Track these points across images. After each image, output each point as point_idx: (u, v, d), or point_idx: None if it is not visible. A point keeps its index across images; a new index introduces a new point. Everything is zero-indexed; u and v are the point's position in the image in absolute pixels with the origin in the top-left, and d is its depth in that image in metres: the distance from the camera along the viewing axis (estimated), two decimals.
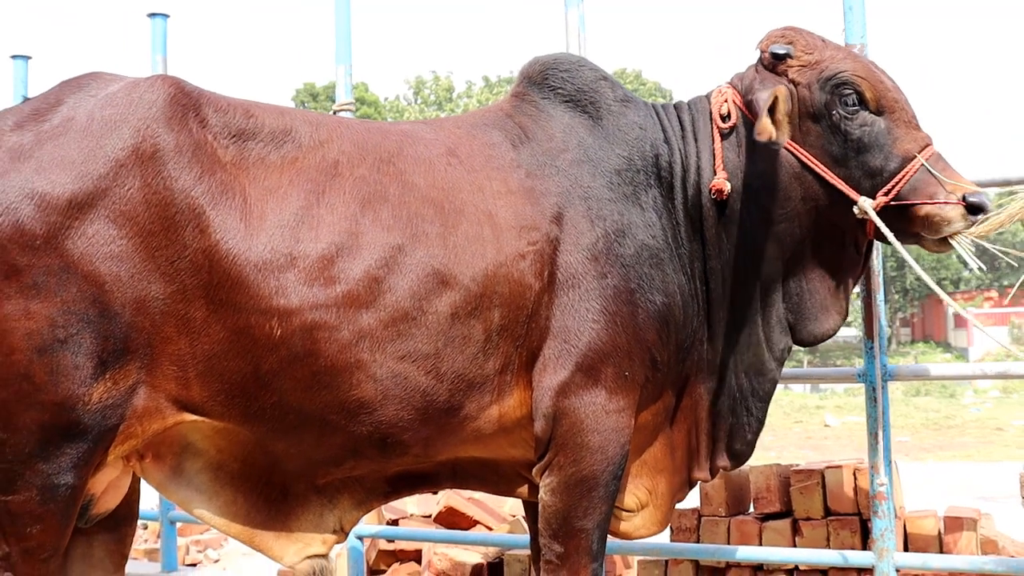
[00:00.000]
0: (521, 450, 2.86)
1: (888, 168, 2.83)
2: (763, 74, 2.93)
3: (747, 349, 2.99)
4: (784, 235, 2.90)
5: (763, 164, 2.89)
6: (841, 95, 2.84)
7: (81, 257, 2.40)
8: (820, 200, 2.87)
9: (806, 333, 2.98)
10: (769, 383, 3.04)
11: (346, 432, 2.63)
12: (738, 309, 2.96)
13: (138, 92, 2.56)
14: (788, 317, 2.97)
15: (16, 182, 2.41)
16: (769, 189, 2.88)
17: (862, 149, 2.85)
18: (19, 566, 2.48)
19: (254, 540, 2.80)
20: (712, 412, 3.02)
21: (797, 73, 2.88)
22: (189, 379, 2.52)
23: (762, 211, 2.89)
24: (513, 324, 2.69)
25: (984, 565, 3.66)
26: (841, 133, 2.85)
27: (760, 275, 2.94)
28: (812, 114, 2.87)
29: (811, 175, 2.86)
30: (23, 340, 2.37)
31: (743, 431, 3.05)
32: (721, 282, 2.94)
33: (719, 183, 2.86)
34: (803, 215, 2.89)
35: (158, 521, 5.41)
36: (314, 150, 2.68)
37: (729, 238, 2.91)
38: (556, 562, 2.81)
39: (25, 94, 5.26)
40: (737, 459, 3.08)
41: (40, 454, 2.42)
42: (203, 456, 2.73)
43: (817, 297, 2.96)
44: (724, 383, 3.00)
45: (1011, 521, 6.59)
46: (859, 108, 2.84)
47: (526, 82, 3.04)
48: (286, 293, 2.50)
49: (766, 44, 2.96)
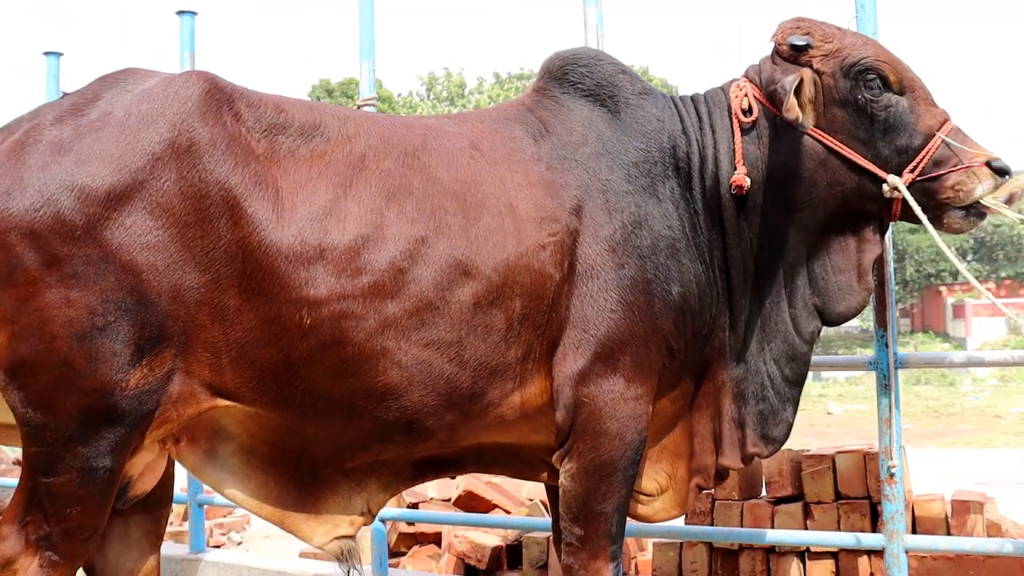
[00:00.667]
0: (542, 436, 2.86)
1: (913, 145, 2.84)
2: (783, 65, 2.90)
3: (775, 334, 2.96)
4: (808, 221, 2.89)
5: (786, 153, 2.87)
6: (865, 80, 2.83)
7: (119, 247, 2.41)
8: (846, 184, 2.86)
9: (834, 314, 2.95)
10: (801, 366, 3.01)
11: (373, 417, 2.64)
12: (764, 295, 2.95)
13: (174, 87, 2.56)
14: (815, 300, 2.95)
15: (56, 175, 2.42)
16: (793, 177, 2.87)
17: (888, 129, 2.85)
18: (60, 545, 2.50)
19: (284, 521, 2.81)
20: (736, 398, 2.99)
21: (820, 62, 2.87)
22: (222, 365, 2.53)
23: (786, 199, 2.88)
24: (534, 313, 2.69)
25: (992, 547, 3.65)
26: (867, 116, 2.84)
27: (784, 261, 2.92)
28: (838, 101, 2.86)
29: (838, 160, 2.85)
30: (64, 328, 2.38)
31: (776, 416, 3.00)
32: (742, 270, 2.92)
33: (739, 179, 2.84)
34: (828, 200, 2.88)
35: (185, 504, 5.43)
36: (342, 144, 2.69)
37: (751, 227, 2.90)
38: (576, 544, 2.81)
39: (57, 89, 5.27)
40: (773, 444, 3.03)
41: (80, 438, 2.44)
42: (235, 440, 2.74)
43: (843, 278, 2.93)
44: (750, 369, 2.98)
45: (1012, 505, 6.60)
46: (883, 90, 2.84)
47: (546, 77, 3.04)
48: (315, 283, 2.51)
49: (782, 36, 2.94)
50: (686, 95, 3.11)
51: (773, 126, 2.88)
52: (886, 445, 3.51)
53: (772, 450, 3.06)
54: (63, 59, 5.39)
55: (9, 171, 2.43)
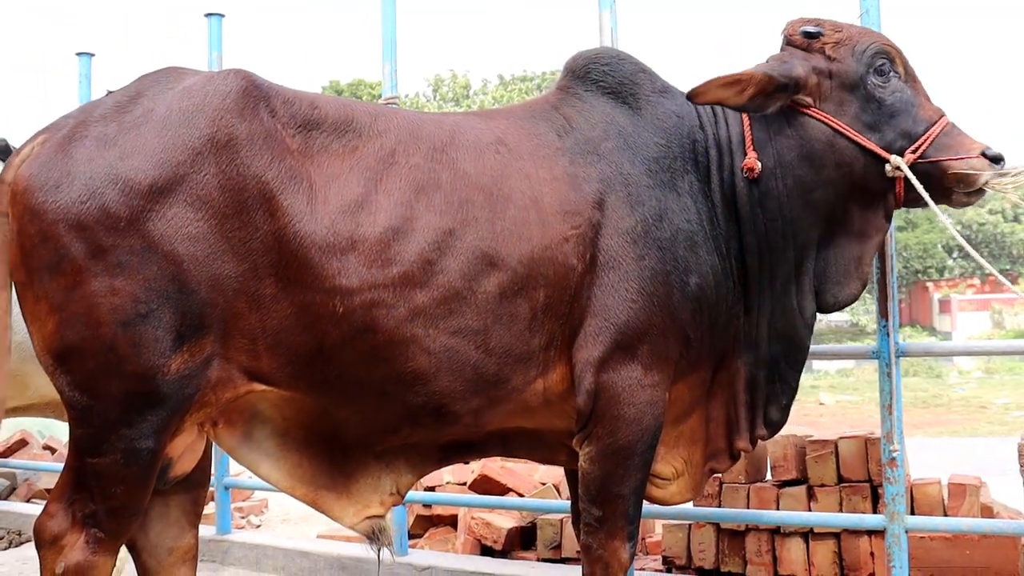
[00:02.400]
0: (563, 421, 2.87)
1: (916, 131, 2.88)
2: (795, 53, 2.93)
3: (782, 319, 2.97)
4: (819, 202, 2.91)
5: (795, 137, 2.89)
6: (875, 64, 2.88)
7: (161, 238, 2.42)
8: (854, 165, 2.87)
9: (829, 297, 2.97)
10: (802, 351, 3.03)
11: (403, 402, 2.65)
12: (776, 280, 2.95)
13: (213, 85, 2.57)
14: (815, 284, 2.97)
15: (102, 168, 2.43)
16: (802, 160, 2.88)
17: (894, 113, 2.88)
18: (105, 522, 2.51)
19: (317, 502, 2.82)
20: (749, 383, 3.01)
21: (832, 49, 2.90)
22: (259, 351, 2.54)
23: (797, 182, 2.89)
24: (557, 303, 2.70)
25: (989, 527, 3.67)
26: (876, 100, 2.88)
27: (796, 244, 2.93)
28: (847, 85, 2.89)
29: (845, 141, 2.87)
30: (109, 314, 2.39)
31: (778, 399, 3.04)
32: (757, 256, 2.93)
33: (750, 162, 2.86)
34: (837, 181, 2.89)
35: (212, 487, 5.45)
36: (373, 139, 2.69)
37: (766, 213, 2.90)
38: (595, 525, 2.83)
39: (89, 89, 5.28)
40: (774, 427, 3.07)
41: (124, 420, 2.45)
42: (270, 423, 2.75)
43: (842, 263, 2.95)
44: (760, 354, 2.99)
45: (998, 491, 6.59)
46: (891, 75, 2.89)
47: (570, 76, 3.04)
48: (348, 273, 2.52)
49: (793, 28, 2.97)
50: None
51: (781, 113, 2.89)
52: (888, 430, 3.52)
53: (772, 432, 3.09)
54: (95, 60, 5.40)
55: (57, 165, 2.45)
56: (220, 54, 4.88)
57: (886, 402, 3.52)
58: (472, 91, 38.37)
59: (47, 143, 2.51)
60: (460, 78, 38.91)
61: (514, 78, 38.13)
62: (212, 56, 4.88)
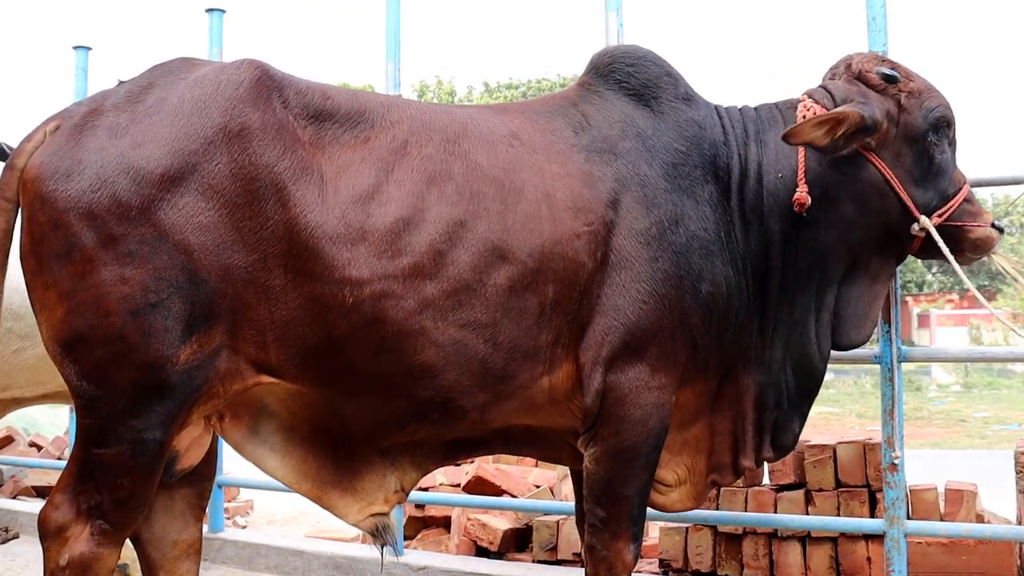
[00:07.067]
0: (568, 420, 2.85)
1: (948, 192, 2.96)
2: (868, 93, 2.92)
3: (799, 347, 2.97)
4: (854, 242, 2.92)
5: (849, 176, 2.89)
6: (938, 126, 2.91)
7: (172, 227, 2.40)
8: (891, 215, 2.90)
9: (845, 338, 2.98)
10: (815, 381, 3.04)
11: (410, 396, 2.62)
12: (796, 307, 2.94)
13: (226, 74, 2.55)
14: (834, 322, 2.97)
15: (113, 157, 2.41)
16: (850, 200, 2.89)
17: (938, 174, 2.94)
18: (110, 514, 2.47)
19: (322, 498, 2.79)
20: (758, 404, 2.99)
21: (906, 99, 2.91)
22: (267, 343, 2.51)
23: (840, 219, 2.89)
24: (566, 300, 2.67)
25: (988, 532, 3.68)
26: (927, 158, 2.92)
27: (824, 278, 2.93)
28: (909, 138, 2.90)
29: (892, 192, 2.88)
30: (118, 303, 2.37)
31: (788, 425, 3.03)
32: (779, 280, 2.91)
33: (801, 196, 2.83)
34: (874, 226, 2.92)
35: None
36: (385, 130, 2.67)
37: (800, 240, 2.89)
38: (599, 525, 2.80)
39: (86, 83, 5.24)
40: (782, 451, 3.07)
41: (132, 411, 2.42)
42: (277, 418, 2.72)
43: (860, 305, 2.97)
44: (772, 377, 2.98)
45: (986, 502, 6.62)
46: (944, 137, 2.94)
47: (593, 72, 3.02)
48: (358, 264, 2.49)
49: (869, 65, 2.98)
50: (733, 106, 3.09)
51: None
52: (889, 435, 3.52)
53: (779, 456, 3.10)
54: (92, 53, 5.36)
55: (68, 154, 2.42)
56: (220, 50, 4.86)
57: (887, 407, 3.52)
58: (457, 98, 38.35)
59: (59, 131, 2.48)
60: (445, 84, 38.89)
61: (500, 85, 38.13)
62: (212, 52, 4.85)
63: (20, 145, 2.51)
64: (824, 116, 2.77)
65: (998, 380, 28.17)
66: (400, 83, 4.36)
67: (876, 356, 3.56)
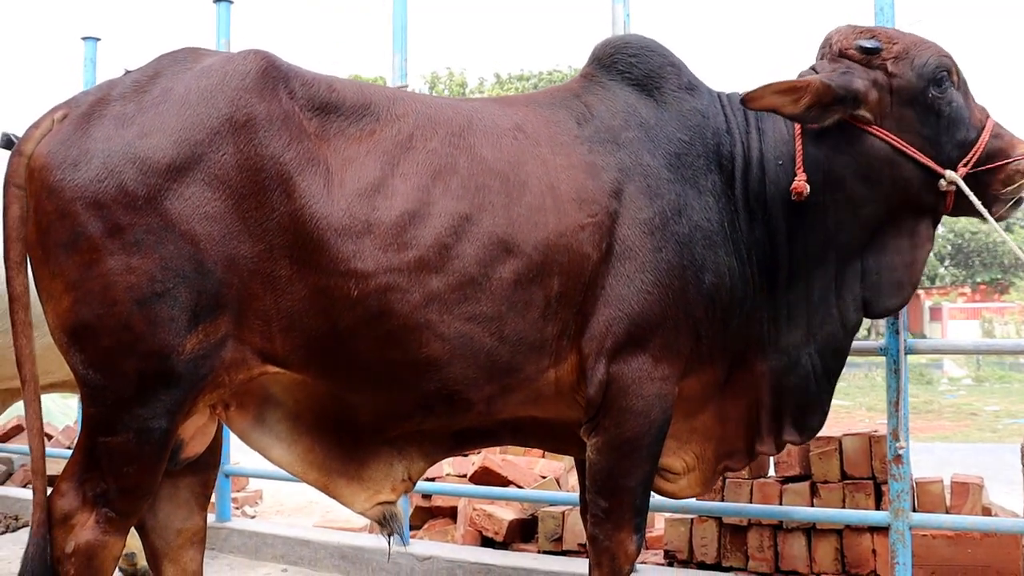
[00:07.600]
0: (575, 411, 2.85)
1: (969, 139, 2.86)
2: (852, 66, 2.86)
3: (821, 327, 2.94)
4: (870, 217, 2.88)
5: (851, 154, 2.85)
6: (936, 78, 2.83)
7: (178, 217, 2.41)
8: (911, 181, 2.85)
9: (881, 308, 2.94)
10: (841, 358, 3.01)
11: (416, 388, 2.63)
12: (813, 290, 2.92)
13: (232, 65, 2.56)
14: (864, 294, 2.93)
15: (120, 147, 2.42)
16: (857, 177, 2.85)
17: (951, 125, 2.85)
18: (116, 502, 2.50)
19: (328, 487, 2.81)
20: (776, 389, 2.97)
21: (893, 63, 2.85)
22: (273, 333, 2.52)
23: (848, 198, 2.86)
24: (571, 292, 2.67)
25: (993, 525, 3.68)
26: (934, 113, 2.84)
27: (839, 257, 2.90)
28: (908, 100, 2.84)
29: (902, 157, 2.83)
30: (125, 293, 2.38)
31: (815, 406, 3.00)
32: (789, 267, 2.89)
33: (799, 185, 2.80)
34: (891, 196, 2.86)
35: None
36: (391, 123, 2.67)
37: (807, 226, 2.87)
38: (602, 516, 2.81)
39: (94, 74, 5.26)
40: (810, 432, 3.04)
41: (138, 399, 2.43)
42: (282, 407, 2.73)
43: (895, 274, 2.91)
44: (792, 361, 2.95)
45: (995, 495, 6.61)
46: (948, 87, 2.85)
47: (595, 63, 3.02)
48: (363, 257, 2.50)
49: (847, 41, 2.91)
50: (735, 92, 3.05)
51: (838, 128, 2.84)
52: (894, 427, 3.52)
53: (807, 438, 3.06)
54: (100, 44, 5.38)
55: (75, 143, 2.44)
56: (228, 40, 4.87)
57: (892, 399, 3.52)
58: (468, 89, 38.32)
59: (66, 120, 2.49)
60: (456, 76, 38.86)
61: (511, 77, 38.08)
62: (220, 43, 4.86)
63: (27, 131, 2.52)
64: (785, 84, 2.74)
65: (1010, 374, 28.05)
66: (407, 75, 4.36)
67: (882, 348, 3.56)
